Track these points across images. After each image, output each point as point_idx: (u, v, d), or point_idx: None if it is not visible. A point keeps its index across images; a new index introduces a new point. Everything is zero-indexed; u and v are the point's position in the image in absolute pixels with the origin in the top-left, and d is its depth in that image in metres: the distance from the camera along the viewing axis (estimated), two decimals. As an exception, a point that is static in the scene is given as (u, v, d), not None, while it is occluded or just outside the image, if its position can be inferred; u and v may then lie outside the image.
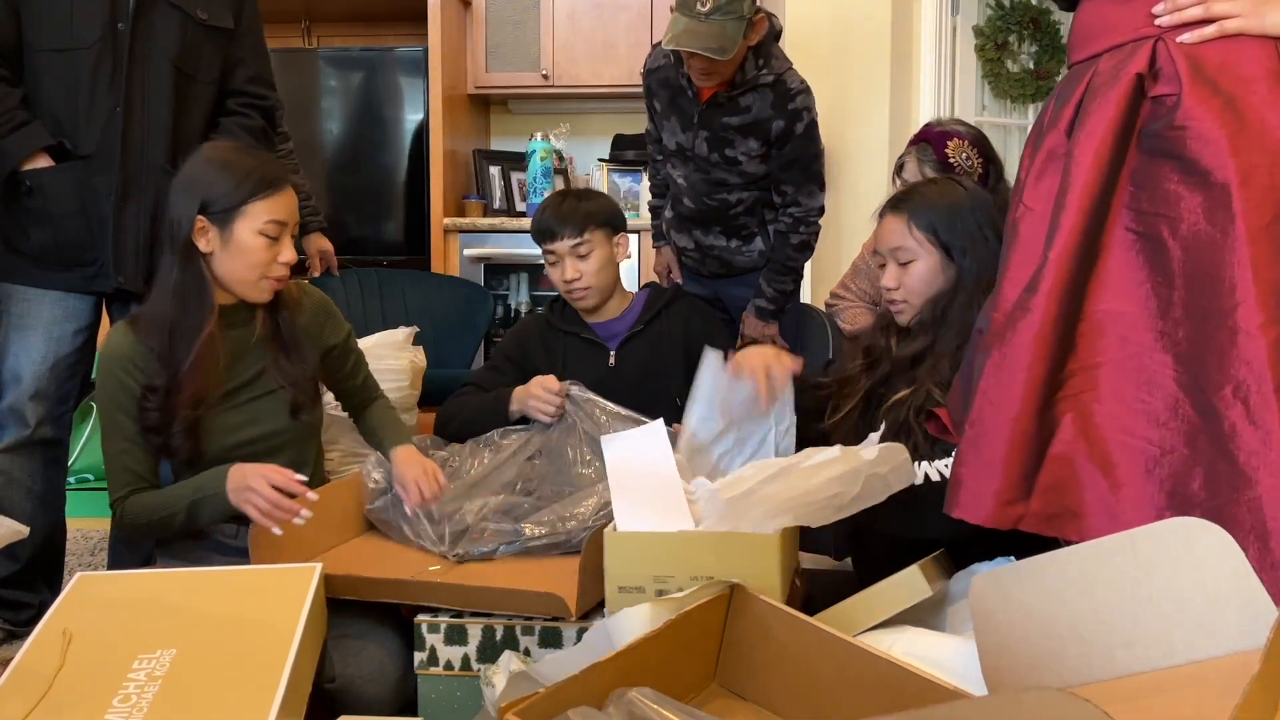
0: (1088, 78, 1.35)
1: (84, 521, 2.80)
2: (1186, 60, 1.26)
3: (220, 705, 1.22)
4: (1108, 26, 1.35)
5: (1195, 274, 1.23)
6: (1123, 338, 1.28)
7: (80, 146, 2.02)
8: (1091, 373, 1.30)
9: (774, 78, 2.43)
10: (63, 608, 1.44)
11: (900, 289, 1.75)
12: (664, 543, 1.47)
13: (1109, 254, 1.30)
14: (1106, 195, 1.30)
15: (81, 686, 1.26)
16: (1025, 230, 1.37)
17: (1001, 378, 1.32)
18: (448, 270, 3.87)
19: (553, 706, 1.05)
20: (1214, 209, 1.22)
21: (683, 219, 2.70)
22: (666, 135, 2.63)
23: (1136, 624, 1.09)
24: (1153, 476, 1.25)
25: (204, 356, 1.66)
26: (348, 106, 4.12)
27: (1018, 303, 1.33)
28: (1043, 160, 1.38)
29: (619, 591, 1.48)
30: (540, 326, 2.28)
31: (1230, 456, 1.18)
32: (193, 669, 1.27)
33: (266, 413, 1.73)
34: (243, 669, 1.27)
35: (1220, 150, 1.21)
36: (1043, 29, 4.47)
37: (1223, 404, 1.19)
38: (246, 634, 1.33)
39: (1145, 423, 1.26)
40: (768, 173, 2.53)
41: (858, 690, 1.18)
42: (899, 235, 1.75)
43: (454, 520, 1.78)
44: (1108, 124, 1.29)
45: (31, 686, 1.25)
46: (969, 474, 1.34)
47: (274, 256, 1.66)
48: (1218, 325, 1.20)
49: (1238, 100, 1.23)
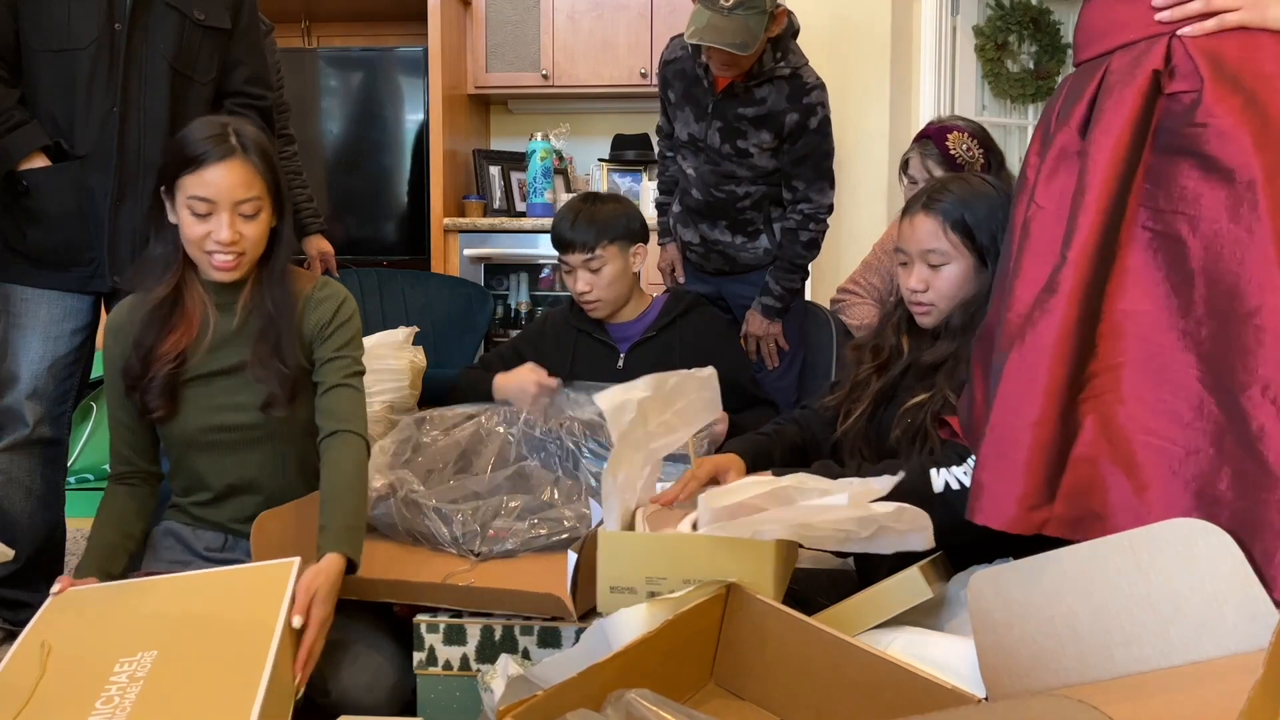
0: (1100, 75, 1.33)
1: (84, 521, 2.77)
2: (1205, 57, 1.24)
3: (203, 702, 1.21)
4: (1118, 23, 1.34)
5: (1217, 272, 1.21)
6: (1143, 337, 1.26)
7: (77, 146, 2.02)
8: (1113, 373, 1.28)
9: (790, 71, 2.45)
10: (40, 622, 1.43)
11: (929, 291, 1.70)
12: (657, 544, 1.46)
13: (1127, 253, 1.28)
14: (1124, 194, 1.28)
15: (64, 692, 1.26)
16: (1037, 229, 1.35)
17: (1022, 380, 1.30)
18: (448, 270, 3.87)
19: (551, 709, 1.05)
20: (1237, 207, 1.20)
21: (690, 211, 2.71)
22: (679, 126, 2.64)
23: (1135, 624, 1.09)
24: (1178, 477, 1.23)
25: (176, 312, 1.69)
26: (348, 106, 4.12)
27: (1035, 303, 1.31)
28: (1054, 159, 1.36)
29: (610, 592, 1.46)
30: (559, 322, 2.30)
31: (1259, 457, 1.16)
32: (174, 669, 1.27)
33: (244, 404, 1.72)
34: (224, 666, 1.26)
35: (1244, 148, 1.20)
36: (1043, 29, 4.47)
37: (1250, 404, 1.17)
38: (227, 632, 1.33)
39: (1168, 423, 1.24)
40: (777, 168, 2.55)
41: (856, 690, 1.18)
42: (932, 236, 1.70)
43: (466, 520, 1.78)
44: (1124, 121, 1.27)
45: (10, 700, 1.24)
46: (990, 479, 1.32)
47: (205, 233, 1.64)
48: (1242, 324, 1.18)
49: (1259, 97, 1.21)
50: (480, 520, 1.78)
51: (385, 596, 1.63)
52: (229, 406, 1.72)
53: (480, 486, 1.91)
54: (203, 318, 1.71)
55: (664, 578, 1.44)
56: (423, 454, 1.98)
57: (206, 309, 1.71)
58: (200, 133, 1.66)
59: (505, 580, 1.58)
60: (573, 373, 2.18)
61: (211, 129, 1.66)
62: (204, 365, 1.71)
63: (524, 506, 1.84)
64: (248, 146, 1.66)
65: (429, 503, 1.81)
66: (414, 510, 1.81)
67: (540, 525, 1.77)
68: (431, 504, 1.81)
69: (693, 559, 1.43)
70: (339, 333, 1.76)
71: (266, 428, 1.73)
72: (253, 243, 1.68)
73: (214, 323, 1.71)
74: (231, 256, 1.66)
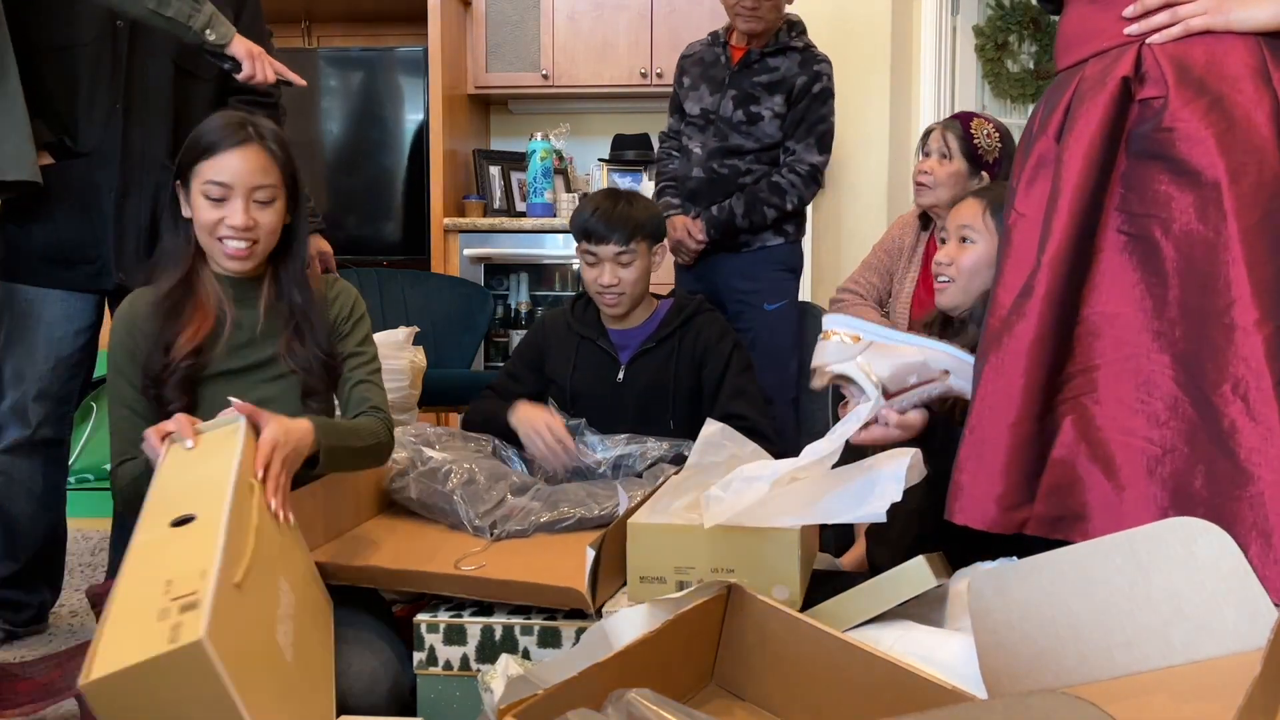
0: (1075, 83, 1.36)
1: (84, 521, 2.80)
2: (1172, 63, 1.27)
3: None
4: (1092, 32, 1.36)
5: (1189, 273, 1.23)
6: (1119, 339, 1.29)
7: (81, 144, 2.03)
8: (1090, 375, 1.31)
9: (804, 44, 2.77)
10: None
11: (953, 266, 1.74)
12: (685, 535, 1.50)
13: (1102, 256, 1.31)
14: (1097, 198, 1.31)
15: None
16: (1018, 237, 1.38)
17: (1000, 382, 1.33)
18: (448, 270, 3.87)
19: (551, 708, 1.05)
20: (1205, 208, 1.22)
21: (689, 195, 2.79)
22: (691, 104, 2.83)
23: (1135, 623, 1.09)
24: (1155, 476, 1.25)
25: (188, 304, 1.67)
26: (348, 106, 4.12)
27: (1013, 308, 1.33)
28: (1033, 167, 1.40)
29: (640, 582, 1.53)
30: (559, 327, 2.28)
31: (1231, 453, 1.18)
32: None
33: (277, 397, 1.70)
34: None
35: (1209, 150, 1.22)
36: (1043, 29, 4.47)
37: (1222, 401, 1.19)
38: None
39: (1145, 423, 1.26)
40: (782, 140, 2.72)
41: (856, 690, 1.18)
42: (972, 215, 1.74)
43: (483, 492, 1.79)
44: (1095, 127, 1.30)
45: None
46: (970, 479, 1.34)
47: (219, 218, 1.63)
48: (1214, 323, 1.20)
49: (1224, 99, 1.23)
50: (499, 495, 1.79)
51: (398, 585, 1.64)
52: (257, 403, 1.63)
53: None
54: (218, 311, 1.69)
55: (692, 567, 1.50)
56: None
57: (221, 302, 1.69)
58: (218, 121, 1.67)
59: (520, 572, 1.57)
60: (574, 381, 2.18)
61: (229, 119, 1.67)
62: (226, 363, 1.69)
63: (548, 490, 1.86)
64: (265, 135, 1.66)
65: (445, 478, 1.83)
66: (431, 479, 1.82)
67: (565, 506, 1.77)
68: (449, 474, 1.83)
69: (720, 549, 1.48)
70: (357, 328, 1.78)
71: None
72: (266, 231, 1.67)
73: (231, 318, 1.69)
74: (245, 244, 1.64)
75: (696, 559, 1.49)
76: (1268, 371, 1.17)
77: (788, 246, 2.80)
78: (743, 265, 2.76)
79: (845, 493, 1.42)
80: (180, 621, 1.05)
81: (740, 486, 1.52)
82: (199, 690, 1.03)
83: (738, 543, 1.47)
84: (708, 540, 1.49)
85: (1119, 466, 1.28)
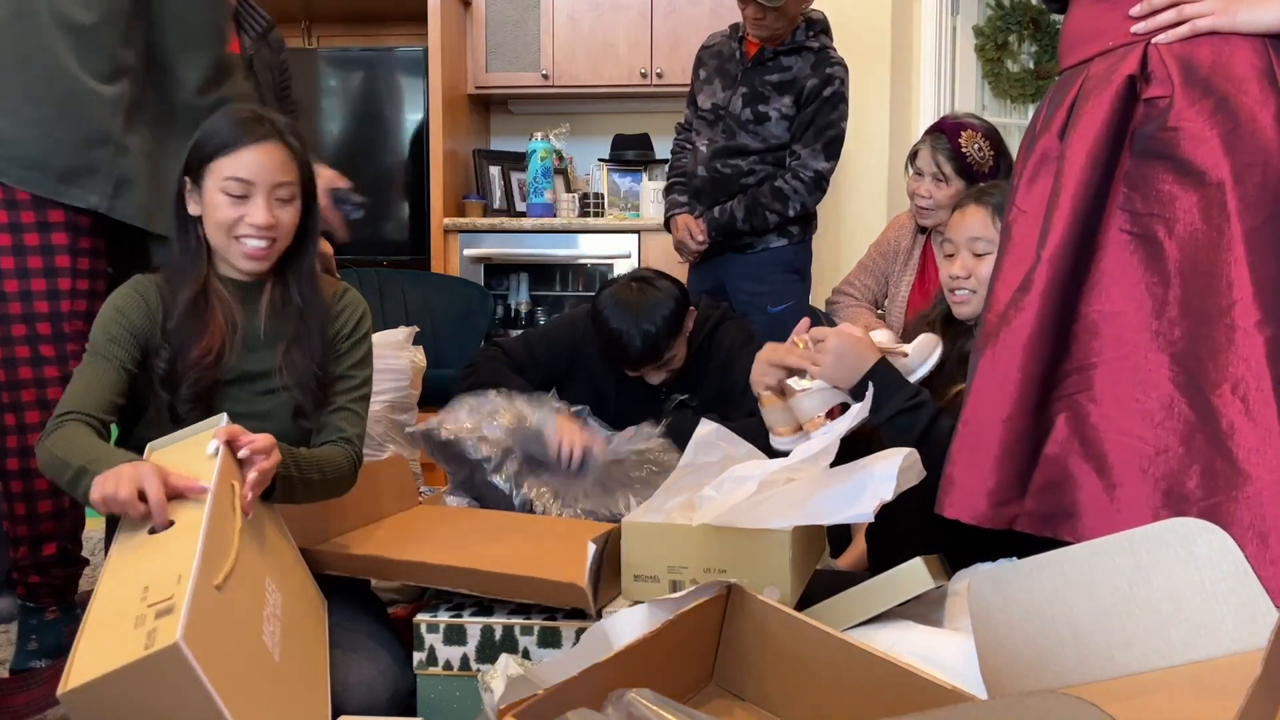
0: (1080, 81, 1.36)
1: (84, 522, 2.79)
2: (1178, 63, 1.26)
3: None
4: (1098, 31, 1.36)
5: (1192, 273, 1.23)
6: (1118, 338, 1.29)
7: None
8: (1086, 373, 1.31)
9: (820, 45, 2.69)
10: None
11: (971, 279, 1.73)
12: (678, 534, 1.51)
13: (1103, 255, 1.31)
14: (1100, 196, 1.30)
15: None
16: (1018, 232, 1.38)
17: (995, 377, 1.33)
18: (448, 270, 3.87)
19: (551, 708, 1.05)
20: (1209, 208, 1.22)
21: (695, 192, 2.79)
22: (703, 97, 2.81)
23: (1135, 624, 1.09)
24: (1148, 476, 1.25)
25: (203, 315, 1.61)
26: (348, 106, 4.12)
27: (1010, 302, 1.33)
28: (1035, 163, 1.39)
29: (634, 580, 1.54)
30: (595, 364, 2.22)
31: (1229, 454, 1.18)
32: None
33: (270, 412, 1.66)
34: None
35: (1214, 150, 1.22)
36: (1043, 29, 4.47)
37: (1221, 401, 1.19)
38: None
39: (1140, 422, 1.26)
40: (788, 142, 2.70)
41: (856, 690, 1.18)
42: (980, 225, 1.72)
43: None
44: (1099, 126, 1.30)
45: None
46: (961, 474, 1.34)
47: (239, 216, 1.57)
48: (1215, 323, 1.20)
49: (1230, 100, 1.23)
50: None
51: (401, 577, 1.64)
52: (250, 416, 1.60)
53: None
54: (228, 317, 1.63)
55: (685, 566, 1.51)
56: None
57: (233, 311, 1.63)
58: (234, 115, 1.61)
59: (527, 568, 1.55)
60: (616, 406, 2.18)
61: (243, 113, 1.61)
62: (234, 369, 1.65)
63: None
64: (283, 131, 1.61)
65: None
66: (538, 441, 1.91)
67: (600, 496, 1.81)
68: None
69: (712, 549, 1.48)
70: (354, 349, 1.72)
71: (290, 437, 1.63)
72: (285, 231, 1.62)
73: (241, 325, 1.64)
74: (265, 243, 1.59)
75: (689, 559, 1.50)
76: (1268, 373, 1.17)
77: (794, 248, 2.80)
78: (749, 267, 2.77)
79: (836, 493, 1.42)
80: (156, 627, 1.05)
81: (731, 486, 1.52)
82: (181, 694, 1.03)
83: (729, 543, 1.47)
84: (700, 540, 1.49)
85: (1112, 465, 1.28)
